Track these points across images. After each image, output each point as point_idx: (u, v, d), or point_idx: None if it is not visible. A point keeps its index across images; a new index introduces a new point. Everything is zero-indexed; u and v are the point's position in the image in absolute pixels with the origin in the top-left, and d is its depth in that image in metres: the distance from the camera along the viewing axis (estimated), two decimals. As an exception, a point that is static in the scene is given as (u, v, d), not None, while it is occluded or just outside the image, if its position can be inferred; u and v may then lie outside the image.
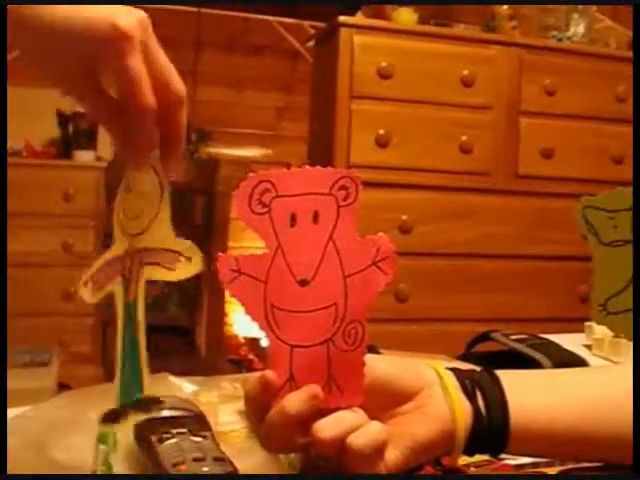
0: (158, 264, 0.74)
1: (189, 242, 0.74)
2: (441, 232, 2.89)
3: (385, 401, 0.67)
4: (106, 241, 3.90)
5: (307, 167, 0.66)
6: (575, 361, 1.12)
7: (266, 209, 0.64)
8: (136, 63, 0.69)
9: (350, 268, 0.66)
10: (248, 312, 0.65)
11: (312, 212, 0.65)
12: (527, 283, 3.01)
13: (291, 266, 0.65)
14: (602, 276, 0.79)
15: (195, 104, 3.91)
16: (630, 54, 3.21)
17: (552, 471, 0.77)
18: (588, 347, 1.38)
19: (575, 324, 1.61)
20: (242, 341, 4.47)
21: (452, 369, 0.72)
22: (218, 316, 4.46)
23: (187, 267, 0.73)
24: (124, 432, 0.79)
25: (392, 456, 0.65)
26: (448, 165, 2.92)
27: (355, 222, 0.66)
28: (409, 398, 0.68)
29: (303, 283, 0.65)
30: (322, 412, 0.64)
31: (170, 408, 0.79)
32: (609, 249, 0.78)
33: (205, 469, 0.67)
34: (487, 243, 2.97)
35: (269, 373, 0.64)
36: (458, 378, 0.70)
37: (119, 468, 0.75)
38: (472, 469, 0.79)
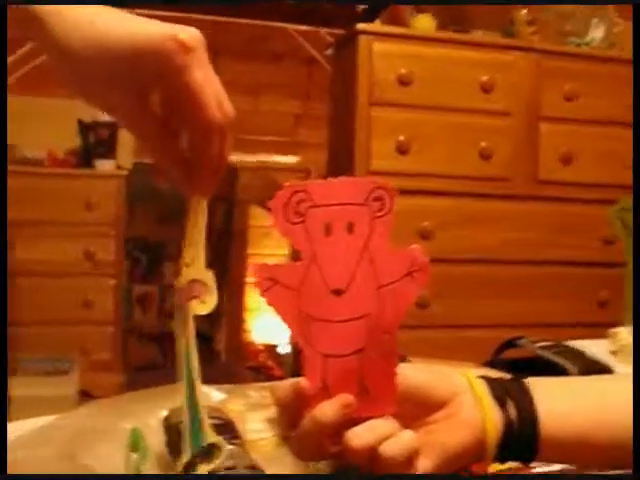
0: (196, 297, 0.70)
1: (210, 272, 0.71)
2: (462, 238, 2.89)
3: (417, 410, 0.67)
4: (127, 248, 3.92)
5: (343, 177, 0.66)
6: (600, 368, 1.12)
7: (301, 219, 0.64)
8: (202, 77, 0.66)
9: (384, 279, 0.66)
10: (283, 321, 0.65)
11: (347, 222, 0.65)
12: (547, 289, 3.00)
13: (325, 276, 0.65)
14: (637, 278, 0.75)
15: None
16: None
17: None
18: (613, 353, 1.37)
19: (595, 329, 1.60)
20: (260, 348, 4.47)
21: (483, 377, 0.72)
22: (237, 323, 4.46)
23: (212, 299, 0.70)
24: (154, 437, 0.80)
25: (423, 465, 0.65)
26: (468, 171, 2.92)
27: (389, 233, 0.66)
28: (440, 406, 0.68)
29: (337, 293, 0.65)
30: (354, 421, 0.64)
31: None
32: None
33: (238, 478, 0.67)
34: (507, 249, 2.96)
35: (303, 382, 0.64)
36: (489, 386, 0.70)
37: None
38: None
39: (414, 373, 0.68)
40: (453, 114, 2.91)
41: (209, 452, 0.68)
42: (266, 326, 4.26)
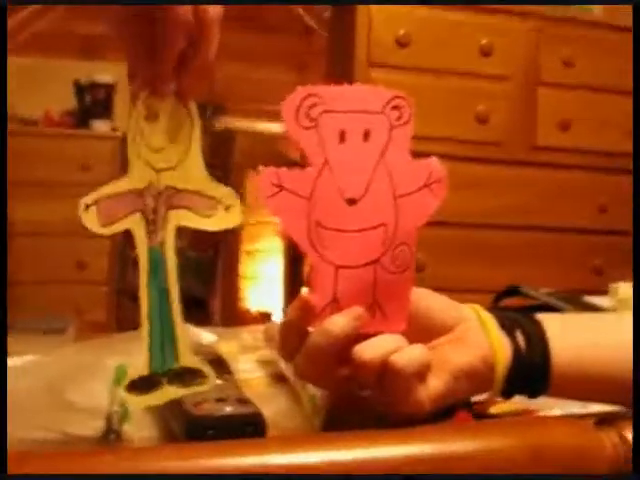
0: (190, 208, 0.68)
1: (228, 188, 0.69)
2: (456, 202, 2.85)
3: (424, 333, 0.66)
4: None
5: (359, 84, 0.64)
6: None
7: (314, 123, 0.62)
8: None
9: (401, 189, 0.64)
10: (288, 230, 0.62)
11: (363, 130, 0.63)
12: (542, 255, 2.99)
13: (339, 183, 0.62)
14: None
15: (211, 81, 3.90)
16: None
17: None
18: (613, 308, 1.36)
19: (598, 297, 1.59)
20: (255, 316, 4.46)
21: (489, 309, 0.70)
22: (232, 290, 4.46)
23: (225, 217, 0.67)
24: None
25: (433, 383, 0.64)
26: (464, 135, 2.90)
27: (408, 143, 0.64)
28: (448, 330, 0.67)
29: (351, 202, 0.63)
30: (363, 338, 0.62)
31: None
32: None
33: (228, 409, 0.66)
34: (502, 214, 2.95)
35: (311, 294, 0.62)
36: (496, 316, 0.69)
37: (135, 410, 0.74)
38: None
39: (424, 295, 0.67)
40: (451, 77, 2.88)
41: (182, 376, 0.66)
42: (261, 294, 4.26)
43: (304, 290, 0.63)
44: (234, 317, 4.44)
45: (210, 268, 4.38)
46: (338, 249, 0.63)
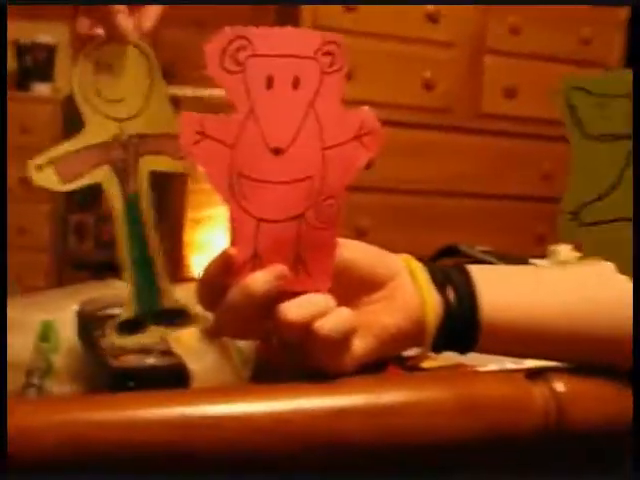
0: (161, 152, 0.67)
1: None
2: (402, 168, 2.86)
3: (352, 288, 0.64)
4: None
5: (289, 27, 0.60)
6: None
7: (240, 68, 0.58)
8: None
9: (330, 140, 0.61)
10: (210, 179, 0.59)
11: (292, 76, 0.59)
12: (485, 221, 3.00)
13: (264, 132, 0.59)
14: (579, 178, 0.62)
15: (157, 45, 3.84)
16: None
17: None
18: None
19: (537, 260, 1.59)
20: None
21: (422, 261, 0.68)
22: (177, 259, 4.42)
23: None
24: (66, 329, 0.76)
25: (360, 345, 0.62)
26: (411, 101, 2.89)
27: (340, 92, 0.60)
28: (378, 287, 0.64)
29: (276, 152, 0.59)
30: (286, 296, 0.60)
31: (117, 306, 0.76)
32: (593, 144, 0.61)
33: (151, 361, 0.64)
34: (448, 180, 2.95)
35: (231, 249, 0.59)
36: (428, 269, 0.67)
37: (59, 365, 0.73)
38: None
39: (351, 249, 0.64)
40: (397, 43, 2.87)
41: (168, 316, 0.67)
42: (207, 262, 4.22)
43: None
44: (178, 283, 4.41)
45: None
46: (260, 201, 0.60)
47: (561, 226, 0.62)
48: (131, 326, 0.67)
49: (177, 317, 0.68)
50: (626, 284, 0.60)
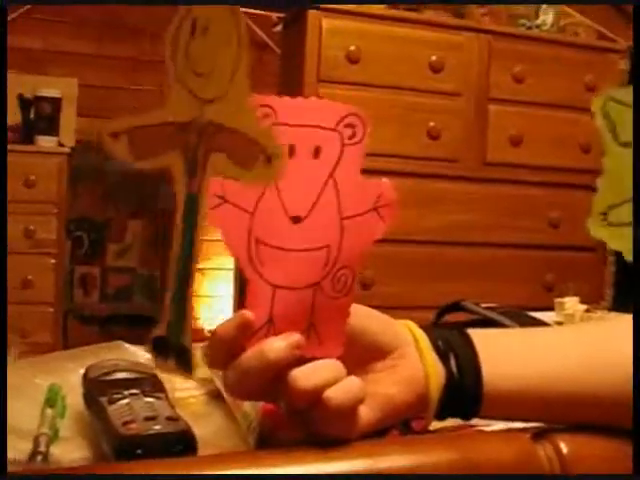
0: (229, 153, 0.59)
1: (271, 131, 0.58)
2: (408, 219, 2.85)
3: (359, 355, 0.64)
4: (69, 227, 3.84)
5: (313, 98, 0.60)
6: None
7: None
8: None
9: (348, 210, 0.60)
10: (229, 245, 0.59)
11: (314, 146, 0.60)
12: (493, 271, 2.99)
13: (284, 200, 0.59)
14: (610, 180, 0.66)
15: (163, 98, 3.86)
16: (599, 43, 3.22)
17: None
18: (559, 324, 1.35)
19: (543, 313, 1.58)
20: (208, 335, 4.41)
21: (425, 328, 0.68)
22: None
23: (264, 171, 0.57)
24: (72, 394, 0.75)
25: (365, 415, 0.62)
26: (416, 151, 2.90)
27: (360, 163, 0.61)
28: (383, 355, 0.65)
29: (296, 220, 0.59)
30: (297, 361, 0.59)
31: (123, 370, 0.75)
32: (625, 150, 0.66)
33: (157, 427, 0.63)
34: (454, 231, 2.95)
35: (247, 313, 0.59)
36: (431, 339, 0.67)
37: (66, 432, 0.72)
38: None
39: (360, 315, 0.64)
40: (402, 93, 2.88)
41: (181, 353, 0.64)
42: (214, 313, 4.21)
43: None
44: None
45: (159, 286, 4.33)
46: (278, 268, 0.60)
47: (592, 224, 0.65)
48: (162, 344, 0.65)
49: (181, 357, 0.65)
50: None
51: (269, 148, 0.57)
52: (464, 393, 0.65)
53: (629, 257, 0.63)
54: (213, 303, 4.17)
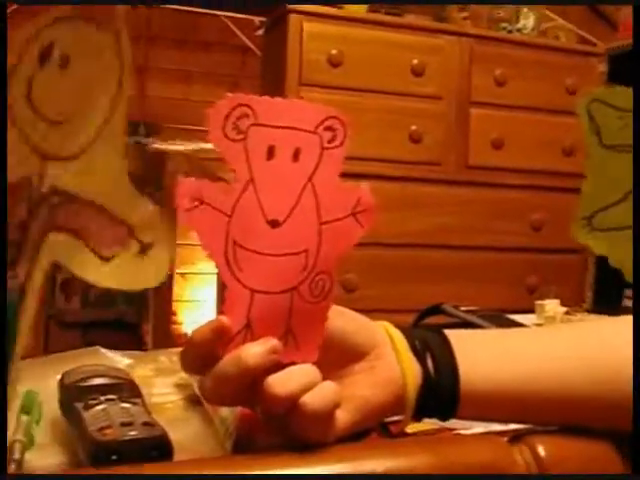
0: (80, 235, 0.41)
1: (153, 207, 0.47)
2: (391, 222, 2.85)
3: (336, 357, 0.64)
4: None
5: (294, 99, 0.61)
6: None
7: (242, 136, 0.57)
8: None
9: (327, 215, 0.60)
10: (206, 247, 0.58)
11: (293, 148, 0.59)
12: (476, 274, 2.99)
13: (262, 203, 0.59)
14: (594, 184, 0.64)
15: (145, 99, 3.85)
16: (579, 47, 3.23)
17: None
18: (539, 326, 1.36)
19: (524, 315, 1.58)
20: (189, 340, 4.39)
21: (402, 329, 0.68)
22: (165, 313, 4.38)
23: (138, 263, 0.42)
24: (51, 402, 0.75)
25: (342, 418, 0.62)
26: (398, 155, 2.89)
27: (339, 167, 0.60)
28: (359, 357, 0.65)
29: (274, 224, 0.59)
30: (275, 366, 0.59)
31: (99, 376, 0.75)
32: (610, 153, 0.64)
33: (132, 433, 0.63)
34: (437, 234, 2.94)
35: (224, 318, 0.58)
36: (408, 339, 0.67)
37: (43, 439, 0.71)
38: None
39: (337, 318, 0.64)
40: (383, 97, 2.88)
41: None
42: (197, 317, 4.20)
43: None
44: (169, 341, 4.38)
45: (142, 292, 4.32)
46: (255, 272, 0.59)
47: (575, 231, 0.65)
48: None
49: None
50: (614, 340, 0.60)
51: (146, 232, 0.40)
52: (441, 393, 0.65)
53: (615, 264, 0.62)
54: (196, 308, 4.16)
